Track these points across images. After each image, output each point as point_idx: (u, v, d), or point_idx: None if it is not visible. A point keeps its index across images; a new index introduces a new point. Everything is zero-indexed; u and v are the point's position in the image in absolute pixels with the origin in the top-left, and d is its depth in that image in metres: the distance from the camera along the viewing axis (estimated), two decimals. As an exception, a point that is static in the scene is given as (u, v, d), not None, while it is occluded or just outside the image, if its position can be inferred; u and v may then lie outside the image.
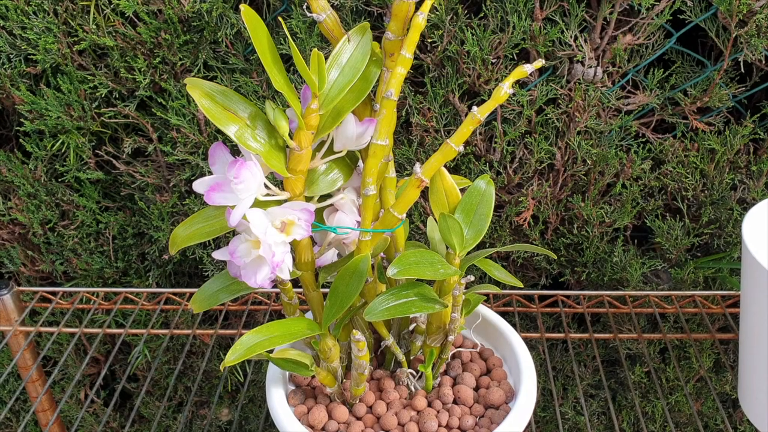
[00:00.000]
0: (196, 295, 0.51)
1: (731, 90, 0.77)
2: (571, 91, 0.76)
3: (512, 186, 0.81)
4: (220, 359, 0.98)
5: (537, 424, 0.95)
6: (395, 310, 0.47)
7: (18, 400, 1.05)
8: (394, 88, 0.45)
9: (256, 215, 0.44)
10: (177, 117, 0.79)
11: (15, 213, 0.88)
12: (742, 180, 0.81)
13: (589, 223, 0.82)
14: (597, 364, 0.91)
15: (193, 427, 1.03)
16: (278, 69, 0.43)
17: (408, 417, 0.53)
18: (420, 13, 0.43)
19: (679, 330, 0.89)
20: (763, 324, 0.56)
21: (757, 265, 0.54)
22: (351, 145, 0.47)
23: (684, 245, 0.83)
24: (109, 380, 1.05)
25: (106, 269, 0.91)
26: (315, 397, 0.55)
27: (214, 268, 0.87)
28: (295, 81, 0.75)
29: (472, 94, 0.78)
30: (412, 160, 0.79)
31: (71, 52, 0.79)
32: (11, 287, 0.78)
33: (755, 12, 0.70)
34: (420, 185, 0.47)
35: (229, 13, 0.74)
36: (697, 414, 0.94)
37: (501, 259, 0.87)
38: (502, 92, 0.45)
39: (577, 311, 0.78)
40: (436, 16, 0.71)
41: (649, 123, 0.80)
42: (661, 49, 0.75)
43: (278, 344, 0.47)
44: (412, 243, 0.55)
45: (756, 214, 0.60)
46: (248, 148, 0.44)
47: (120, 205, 0.90)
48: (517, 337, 0.58)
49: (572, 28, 0.73)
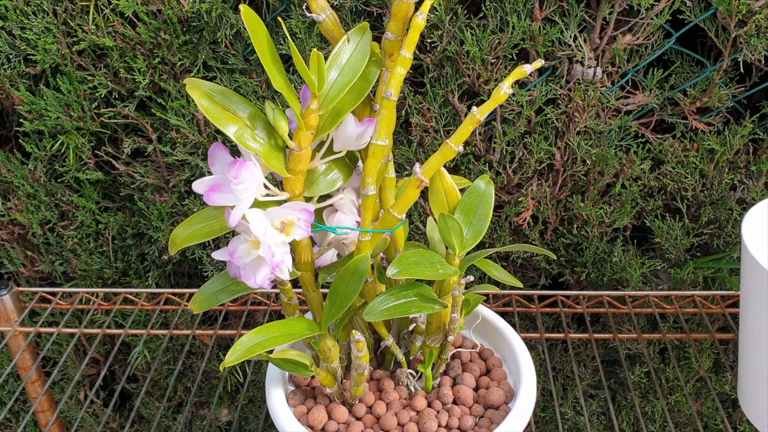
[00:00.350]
0: (195, 295, 0.51)
1: (731, 90, 0.77)
2: (571, 92, 0.76)
3: (512, 186, 0.81)
4: (219, 360, 0.98)
5: (537, 424, 0.95)
6: (395, 311, 0.47)
7: (17, 401, 1.05)
8: (394, 88, 0.45)
9: (255, 215, 0.44)
10: (176, 117, 0.79)
11: (14, 213, 0.88)
12: (741, 180, 0.81)
13: (588, 224, 0.82)
14: (597, 364, 0.91)
15: (192, 428, 1.03)
16: (278, 69, 0.43)
17: (408, 417, 0.53)
18: (419, 14, 0.43)
19: (678, 330, 0.89)
20: (763, 324, 0.56)
21: (757, 265, 0.54)
22: (350, 145, 0.47)
23: (683, 245, 0.83)
24: (109, 381, 1.05)
25: (106, 270, 0.91)
26: (315, 397, 0.55)
27: (213, 268, 0.87)
28: (295, 81, 0.75)
29: (471, 95, 0.78)
30: (412, 160, 0.79)
31: (71, 53, 0.79)
32: (11, 288, 0.78)
33: (755, 12, 0.70)
34: (420, 185, 0.47)
35: (228, 13, 0.74)
36: (697, 414, 0.94)
37: (500, 260, 0.87)
38: (502, 92, 0.45)
39: (577, 311, 0.78)
40: (435, 16, 0.71)
41: (648, 123, 0.80)
42: (661, 49, 0.75)
43: (278, 345, 0.47)
44: (411, 243, 0.55)
45: (755, 214, 0.60)
46: (248, 149, 0.44)
47: (119, 206, 0.89)
48: (517, 338, 0.58)
49: (572, 28, 0.73)
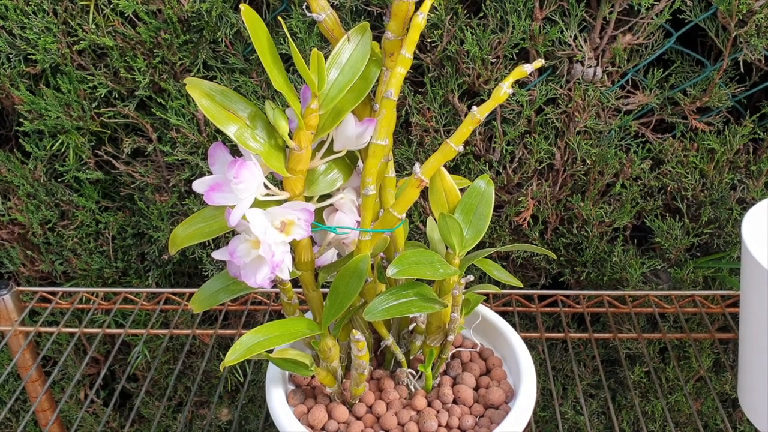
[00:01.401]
0: (195, 295, 0.51)
1: (731, 90, 0.77)
2: (571, 91, 0.76)
3: (512, 186, 0.81)
4: (219, 359, 0.98)
5: (537, 424, 0.95)
6: (395, 310, 0.47)
7: (18, 400, 1.05)
8: (394, 87, 0.45)
9: (255, 215, 0.44)
10: (176, 117, 0.79)
11: (14, 213, 0.88)
12: (741, 180, 0.81)
13: (588, 223, 0.82)
14: (597, 364, 0.91)
15: (192, 427, 1.03)
16: (278, 69, 0.43)
17: (408, 417, 0.53)
18: (420, 13, 0.43)
19: (678, 330, 0.89)
20: (763, 324, 0.56)
21: (757, 265, 0.54)
22: (351, 145, 0.47)
23: (683, 245, 0.83)
24: (109, 380, 1.05)
25: (106, 269, 0.91)
26: (315, 396, 0.55)
27: (213, 268, 0.87)
28: (295, 81, 0.75)
29: (471, 94, 0.78)
30: (412, 160, 0.79)
31: (71, 52, 0.79)
32: (11, 287, 0.78)
33: (755, 12, 0.70)
34: (420, 185, 0.47)
35: (228, 12, 0.74)
36: (697, 414, 0.94)
37: (501, 259, 0.87)
38: (502, 92, 0.45)
39: (577, 311, 0.78)
40: (435, 16, 0.71)
41: (648, 123, 0.80)
42: (661, 49, 0.75)
43: (278, 344, 0.47)
44: (411, 243, 0.55)
45: (755, 213, 0.60)
46: (248, 148, 0.44)
47: (119, 205, 0.89)
48: (517, 337, 0.58)
49: (572, 28, 0.73)
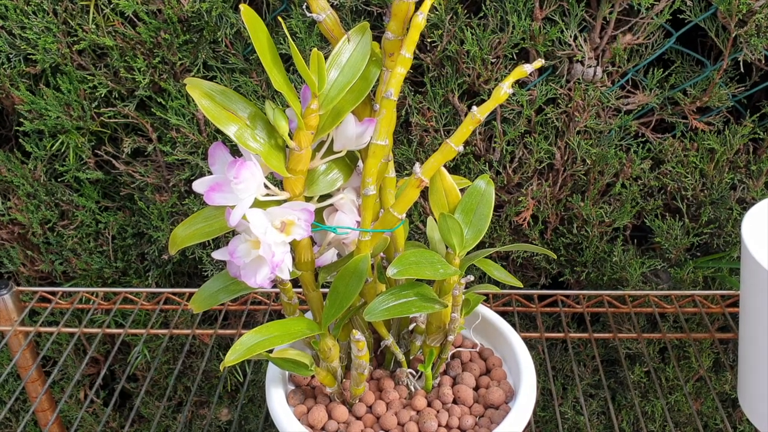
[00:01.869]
0: (195, 295, 0.51)
1: (731, 90, 0.77)
2: (571, 91, 0.76)
3: (512, 186, 0.81)
4: (219, 359, 0.98)
5: (537, 424, 0.95)
6: (395, 310, 0.47)
7: (17, 400, 1.05)
8: (394, 87, 0.45)
9: (255, 215, 0.44)
10: (176, 117, 0.79)
11: (14, 213, 0.88)
12: (741, 180, 0.81)
13: (588, 223, 0.82)
14: (596, 364, 0.91)
15: (192, 427, 1.03)
16: (278, 69, 0.43)
17: (408, 417, 0.53)
18: (420, 13, 0.43)
19: (678, 330, 0.89)
20: (763, 324, 0.56)
21: (757, 265, 0.54)
22: (351, 145, 0.47)
23: (683, 245, 0.83)
24: (109, 380, 1.05)
25: (106, 269, 0.91)
26: (315, 396, 0.55)
27: (213, 268, 0.87)
28: (295, 81, 0.75)
29: (471, 94, 0.78)
30: (412, 159, 0.79)
31: (71, 52, 0.79)
32: (11, 287, 0.78)
33: (755, 12, 0.70)
34: (420, 185, 0.47)
35: (228, 12, 0.74)
36: (697, 413, 0.94)
37: (501, 259, 0.87)
38: (502, 92, 0.45)
39: (577, 311, 0.78)
40: (435, 16, 0.71)
41: (648, 123, 0.80)
42: (661, 49, 0.75)
43: (278, 344, 0.47)
44: (411, 243, 0.55)
45: (755, 213, 0.60)
46: (248, 148, 0.44)
47: (119, 205, 0.89)
48: (517, 337, 0.58)
49: (572, 28, 0.73)
